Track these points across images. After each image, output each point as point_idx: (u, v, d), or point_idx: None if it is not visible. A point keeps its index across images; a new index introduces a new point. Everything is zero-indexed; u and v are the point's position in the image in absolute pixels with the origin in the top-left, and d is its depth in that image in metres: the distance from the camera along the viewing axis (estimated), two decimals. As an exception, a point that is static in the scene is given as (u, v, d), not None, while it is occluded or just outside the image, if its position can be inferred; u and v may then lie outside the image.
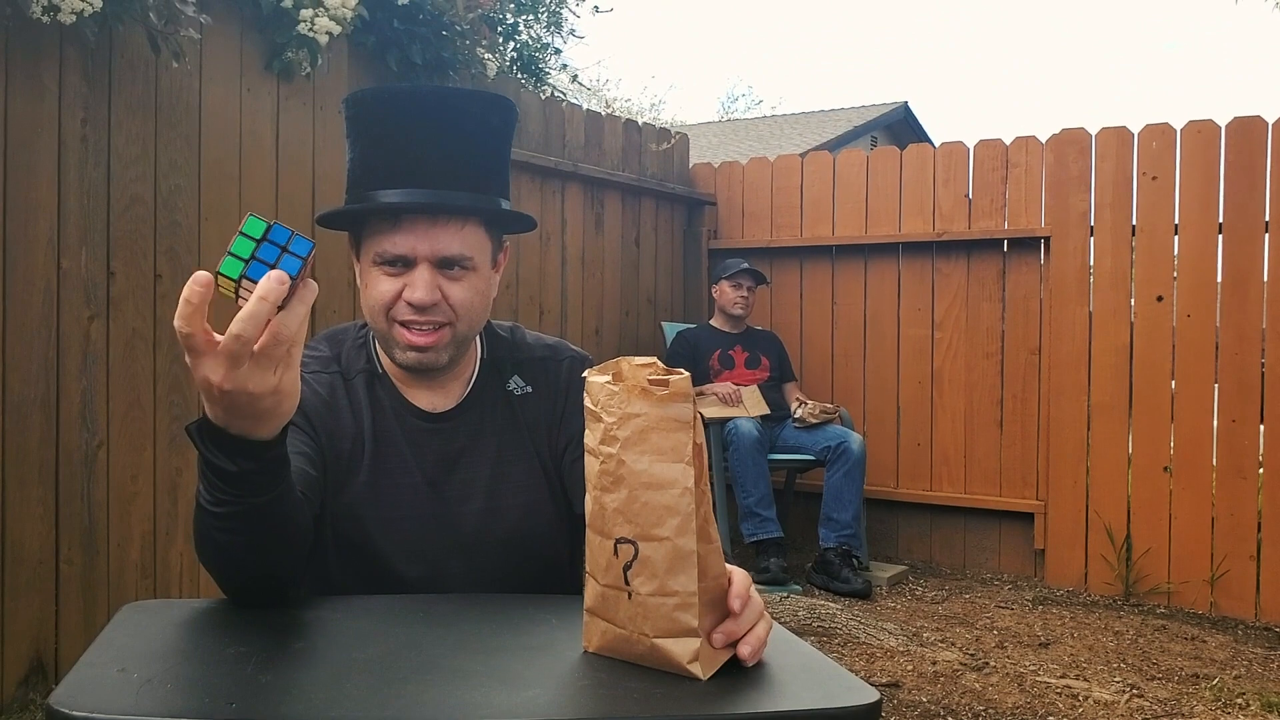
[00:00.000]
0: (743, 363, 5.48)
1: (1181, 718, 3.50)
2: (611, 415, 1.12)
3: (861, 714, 1.06)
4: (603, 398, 1.13)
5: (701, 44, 68.75)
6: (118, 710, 0.98)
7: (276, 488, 1.19)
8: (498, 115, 1.57)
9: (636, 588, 1.11)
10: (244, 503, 1.18)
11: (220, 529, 1.21)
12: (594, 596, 1.16)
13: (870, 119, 20.03)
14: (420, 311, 1.50)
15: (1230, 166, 4.81)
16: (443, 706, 1.04)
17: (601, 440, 1.13)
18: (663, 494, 1.10)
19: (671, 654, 1.10)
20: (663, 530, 1.10)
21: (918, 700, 3.55)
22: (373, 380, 1.61)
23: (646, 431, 1.11)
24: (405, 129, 1.50)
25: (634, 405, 1.11)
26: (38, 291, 3.17)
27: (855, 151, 6.07)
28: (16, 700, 3.14)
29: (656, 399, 1.10)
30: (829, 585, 4.96)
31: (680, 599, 1.10)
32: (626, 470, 1.11)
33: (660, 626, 1.11)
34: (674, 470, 1.10)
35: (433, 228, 1.50)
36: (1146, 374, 5.00)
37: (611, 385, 1.13)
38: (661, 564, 1.10)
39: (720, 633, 1.13)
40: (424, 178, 1.49)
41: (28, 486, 3.16)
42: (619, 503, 1.12)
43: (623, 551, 1.11)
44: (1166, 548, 4.92)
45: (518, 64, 5.04)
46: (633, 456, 1.11)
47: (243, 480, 1.16)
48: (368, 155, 1.53)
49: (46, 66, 3.17)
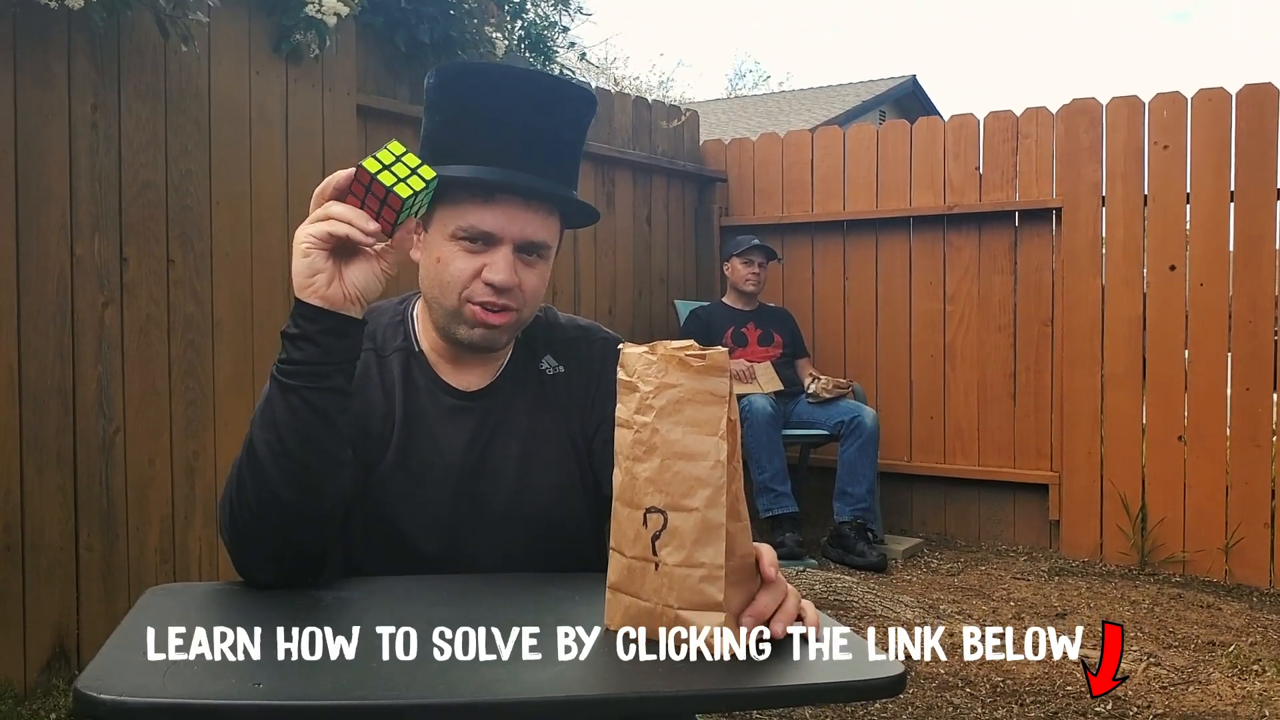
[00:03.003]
0: (756, 340, 5.47)
1: (1198, 685, 3.50)
2: (648, 384, 1.13)
3: (886, 686, 1.07)
4: (640, 367, 1.14)
5: (708, 20, 68.38)
6: (145, 693, 0.99)
7: (325, 365, 1.32)
8: (589, 111, 1.58)
9: (664, 558, 1.11)
10: (297, 369, 1.32)
11: (273, 416, 1.33)
12: (619, 571, 1.16)
13: (879, 93, 19.91)
14: (498, 293, 1.49)
15: (1242, 134, 4.78)
16: (469, 683, 1.04)
17: (636, 410, 1.13)
18: (695, 465, 1.11)
19: (696, 626, 1.10)
20: (693, 501, 1.10)
21: (935, 672, 3.56)
22: (408, 359, 1.60)
23: (682, 402, 1.11)
24: (508, 108, 1.49)
25: (671, 375, 1.12)
26: (52, 279, 3.18)
27: (865, 126, 6.05)
28: (40, 685, 3.17)
29: (694, 370, 1.11)
30: (844, 559, 4.97)
31: (707, 571, 1.10)
32: (660, 439, 1.12)
33: (686, 598, 1.11)
34: (707, 443, 1.11)
35: (525, 210, 1.49)
36: (1160, 344, 4.98)
37: (649, 355, 1.14)
38: (690, 534, 1.10)
39: (749, 615, 1.14)
40: (521, 160, 1.48)
41: (46, 473, 3.17)
42: (651, 471, 1.12)
43: (652, 521, 1.12)
44: (1181, 517, 4.92)
45: (525, 42, 5.01)
46: (667, 426, 1.12)
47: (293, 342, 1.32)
48: (459, 127, 1.51)
49: (55, 53, 3.17)
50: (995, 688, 3.45)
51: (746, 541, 1.15)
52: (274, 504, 1.33)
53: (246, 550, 1.37)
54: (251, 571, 1.39)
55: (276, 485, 1.32)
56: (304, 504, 1.34)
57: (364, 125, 4.12)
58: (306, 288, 1.30)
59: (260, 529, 1.35)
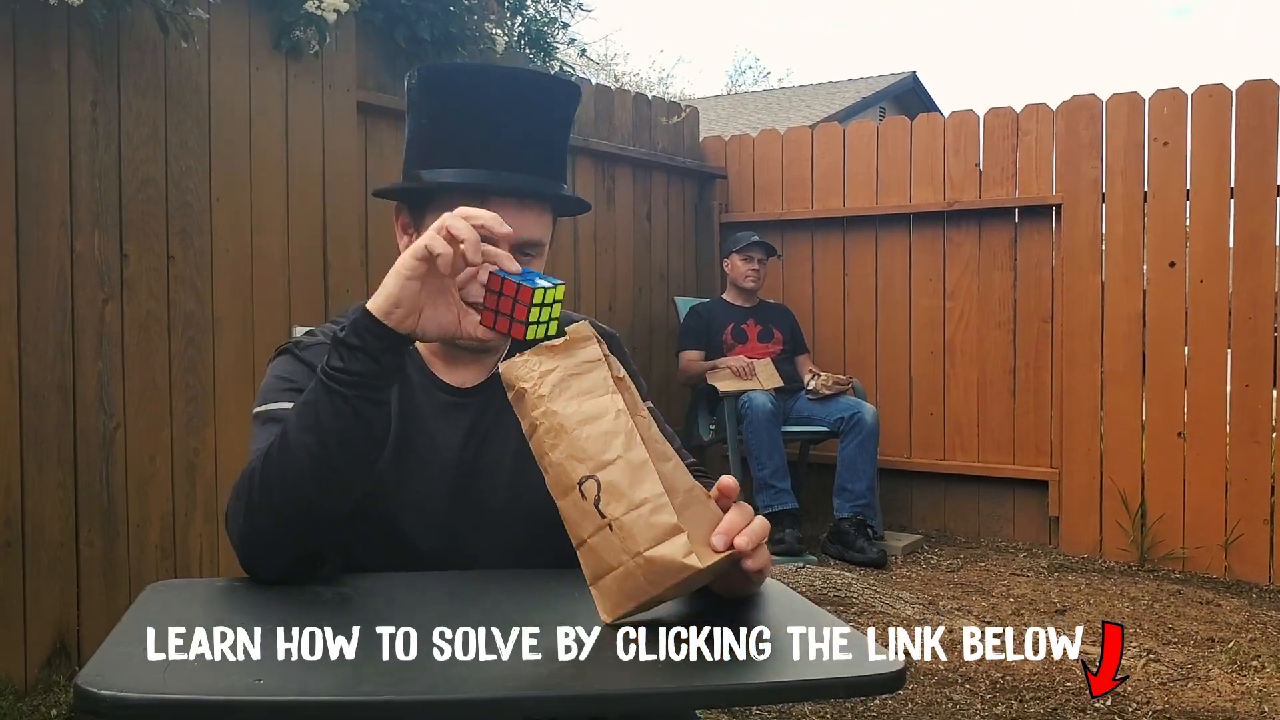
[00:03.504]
0: (755, 336, 5.47)
1: (1198, 681, 3.51)
2: (528, 380, 1.20)
3: (886, 682, 1.07)
4: (519, 372, 1.21)
5: (708, 16, 68.35)
6: (145, 689, 0.99)
7: (377, 379, 1.31)
8: (573, 103, 1.58)
9: (612, 514, 1.14)
10: (349, 379, 1.30)
11: (331, 422, 1.30)
12: (588, 562, 1.19)
13: (879, 89, 19.91)
14: None
15: (1242, 131, 4.78)
16: (469, 680, 1.04)
17: (532, 407, 1.20)
18: (599, 424, 1.17)
19: (665, 557, 1.13)
20: (611, 453, 1.16)
21: (935, 668, 3.56)
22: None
23: (565, 380, 1.19)
24: (492, 108, 1.49)
25: (544, 364, 1.20)
26: (52, 275, 3.18)
27: (865, 122, 6.05)
28: (40, 682, 3.17)
29: (561, 349, 1.20)
30: (844, 555, 4.97)
31: (651, 504, 1.14)
32: (561, 418, 1.18)
33: (645, 537, 1.13)
34: (602, 402, 1.18)
35: (519, 211, 1.49)
36: (1159, 340, 4.98)
37: (518, 358, 1.21)
38: (624, 481, 1.14)
39: (719, 533, 1.18)
40: (510, 160, 1.49)
41: (47, 470, 3.18)
42: (567, 450, 1.17)
43: (588, 490, 1.16)
44: (1181, 513, 4.92)
45: (525, 38, 5.00)
46: (561, 403, 1.18)
47: (350, 351, 1.30)
48: (444, 128, 1.51)
49: (55, 49, 3.17)
50: (995, 684, 3.45)
51: (684, 477, 1.21)
52: (303, 507, 1.33)
53: (260, 552, 1.37)
54: (259, 570, 1.39)
55: (309, 489, 1.32)
56: (329, 508, 1.35)
57: (364, 121, 4.12)
58: (388, 313, 1.29)
59: (283, 531, 1.34)
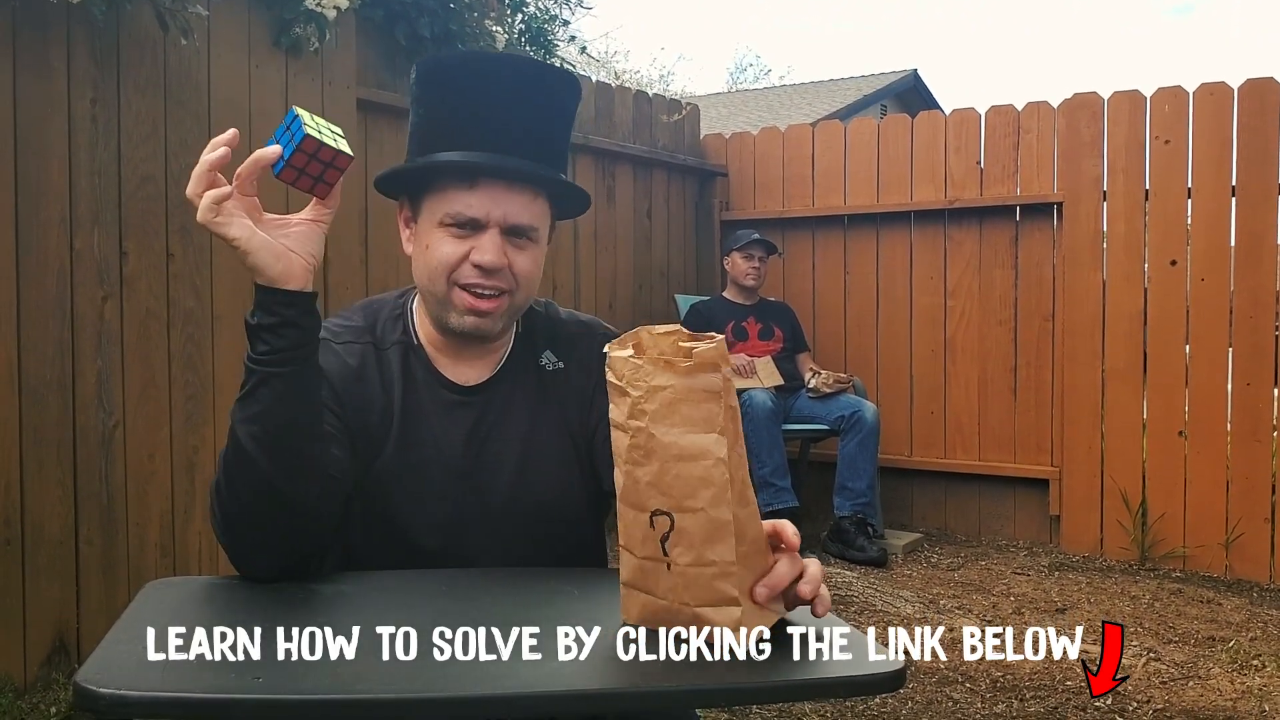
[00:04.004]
0: (756, 334, 5.47)
1: (1198, 680, 3.51)
2: (637, 389, 1.10)
3: (886, 681, 1.07)
4: (627, 372, 1.11)
5: (709, 14, 68.37)
6: (144, 687, 0.99)
7: (306, 347, 1.33)
8: (571, 95, 1.58)
9: (675, 558, 1.10)
10: (282, 356, 1.30)
11: (259, 408, 1.31)
12: (631, 569, 1.15)
13: (880, 87, 19.93)
14: (486, 275, 1.49)
15: (1243, 129, 4.77)
16: (470, 678, 1.04)
17: (629, 415, 1.11)
18: (695, 465, 1.08)
19: (712, 620, 1.10)
20: (697, 502, 1.09)
21: (935, 667, 3.56)
22: (407, 352, 1.60)
23: (675, 404, 1.09)
24: (487, 93, 1.50)
25: (659, 378, 1.09)
26: (51, 273, 3.17)
27: (866, 120, 6.04)
28: (40, 680, 3.17)
29: (683, 370, 1.08)
30: (845, 554, 4.97)
31: (718, 569, 1.09)
32: (657, 444, 1.09)
33: (701, 596, 1.10)
34: (705, 440, 1.08)
35: (508, 193, 1.49)
36: (1160, 339, 4.98)
37: (635, 359, 1.11)
38: (698, 535, 1.09)
39: (763, 586, 1.14)
40: (502, 144, 1.49)
41: (46, 468, 3.17)
42: (651, 476, 1.10)
43: (659, 524, 1.10)
44: (1181, 512, 4.91)
45: (525, 36, 5.00)
46: (662, 430, 1.09)
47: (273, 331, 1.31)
48: (440, 116, 1.52)
49: (54, 46, 3.16)
50: (995, 683, 3.45)
51: (756, 524, 1.14)
52: (265, 493, 1.33)
53: (242, 544, 1.37)
54: (249, 566, 1.38)
55: (266, 473, 1.32)
56: (293, 488, 1.34)
57: (364, 119, 4.11)
58: (277, 273, 1.33)
59: (254, 520, 1.34)
